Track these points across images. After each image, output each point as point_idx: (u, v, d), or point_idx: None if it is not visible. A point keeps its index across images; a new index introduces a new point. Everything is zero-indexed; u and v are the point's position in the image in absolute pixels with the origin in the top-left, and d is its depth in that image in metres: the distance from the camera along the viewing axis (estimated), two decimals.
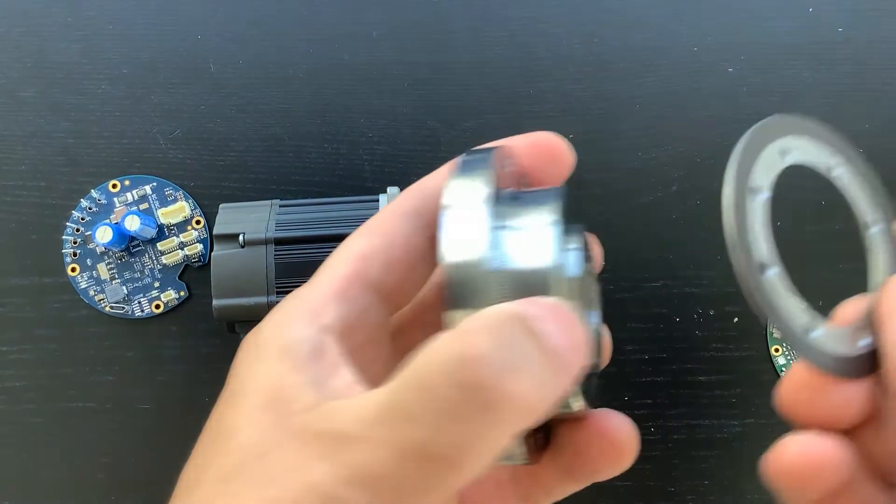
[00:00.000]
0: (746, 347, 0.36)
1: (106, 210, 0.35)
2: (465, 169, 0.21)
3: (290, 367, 0.19)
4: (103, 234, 0.33)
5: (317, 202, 0.33)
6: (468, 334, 0.17)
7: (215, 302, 0.30)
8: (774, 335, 0.36)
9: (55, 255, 0.35)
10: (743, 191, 0.19)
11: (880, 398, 0.21)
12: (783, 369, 0.36)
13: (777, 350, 0.36)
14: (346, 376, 0.20)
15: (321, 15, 0.36)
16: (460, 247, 0.19)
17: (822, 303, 0.37)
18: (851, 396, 0.20)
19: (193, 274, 0.36)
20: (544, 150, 0.25)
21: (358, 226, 0.31)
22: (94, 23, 0.36)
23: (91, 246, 0.35)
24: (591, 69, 0.36)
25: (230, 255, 0.31)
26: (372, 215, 0.31)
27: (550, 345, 0.18)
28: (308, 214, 0.32)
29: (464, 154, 0.22)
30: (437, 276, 0.25)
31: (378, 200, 0.32)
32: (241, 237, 0.31)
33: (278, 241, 0.31)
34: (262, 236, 0.31)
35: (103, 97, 0.36)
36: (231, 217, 0.32)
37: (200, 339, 0.35)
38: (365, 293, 0.22)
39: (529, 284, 0.19)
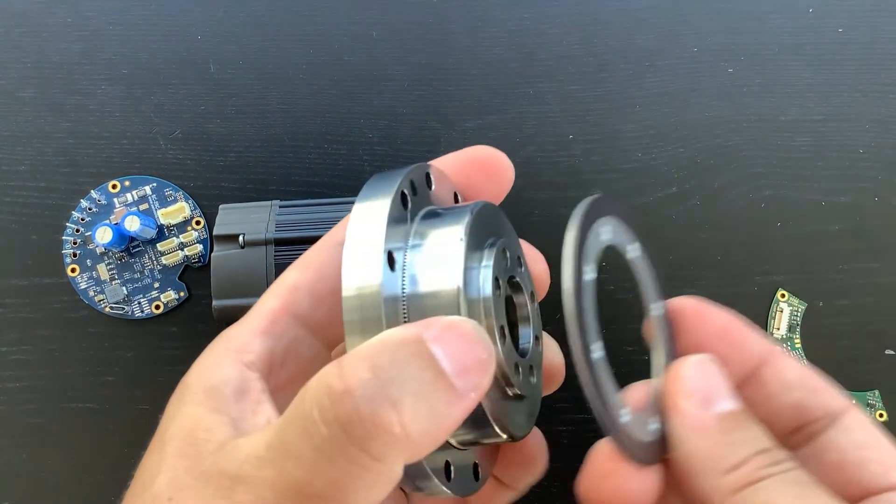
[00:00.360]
0: None
1: (106, 210, 0.35)
2: (368, 192, 0.20)
3: (212, 407, 0.19)
4: (103, 235, 0.33)
5: (317, 202, 0.33)
6: (348, 364, 0.17)
7: (215, 302, 0.30)
8: (774, 335, 0.36)
9: (55, 255, 0.35)
10: (579, 274, 0.19)
11: (672, 482, 0.21)
12: None
13: None
14: (266, 413, 0.19)
15: (321, 15, 0.36)
16: (355, 275, 0.19)
17: (822, 303, 0.37)
18: (648, 481, 0.20)
19: (193, 274, 0.36)
20: (481, 165, 0.23)
21: None
22: (94, 23, 0.36)
23: (91, 246, 0.35)
24: (591, 69, 0.36)
25: (230, 256, 0.31)
26: None
27: (440, 368, 0.17)
28: (308, 215, 0.32)
29: (373, 175, 0.21)
30: None
31: None
32: (240, 238, 0.31)
33: (278, 242, 0.31)
34: (262, 237, 0.31)
35: (103, 97, 0.36)
36: (231, 217, 0.32)
37: (200, 340, 0.35)
38: (293, 327, 0.21)
39: (430, 306, 0.19)
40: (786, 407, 0.21)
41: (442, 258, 0.19)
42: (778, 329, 0.36)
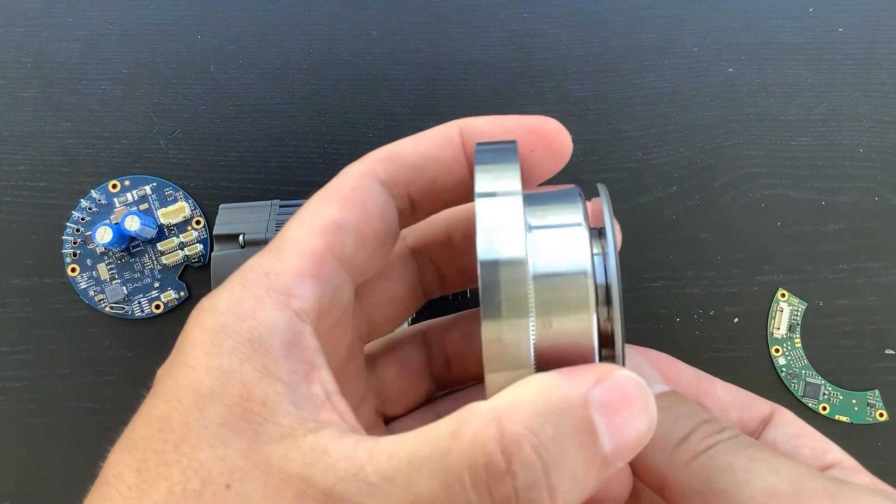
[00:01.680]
0: (747, 348, 0.36)
1: (106, 210, 0.35)
2: (493, 159, 0.19)
3: (261, 369, 0.17)
4: (103, 235, 0.33)
5: None
6: (510, 433, 0.15)
7: None
8: (774, 335, 0.36)
9: (55, 255, 0.35)
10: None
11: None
12: (783, 370, 0.36)
13: (777, 350, 0.36)
14: (325, 382, 0.17)
15: (321, 15, 0.36)
16: (502, 245, 0.17)
17: (822, 303, 0.37)
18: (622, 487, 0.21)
19: (193, 274, 0.36)
20: (545, 138, 0.21)
21: None
22: (94, 23, 0.36)
23: (91, 246, 0.35)
24: (591, 69, 0.36)
25: (230, 256, 0.31)
26: None
27: (599, 446, 0.16)
28: None
29: (480, 143, 0.20)
30: (406, 240, 0.23)
31: None
32: (241, 237, 0.31)
33: None
34: (262, 236, 0.31)
35: (103, 97, 0.36)
36: (231, 217, 0.32)
37: None
38: (338, 271, 0.19)
39: (558, 291, 0.17)
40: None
41: (568, 242, 0.18)
42: (778, 329, 0.36)
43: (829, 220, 0.36)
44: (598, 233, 0.19)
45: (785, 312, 0.36)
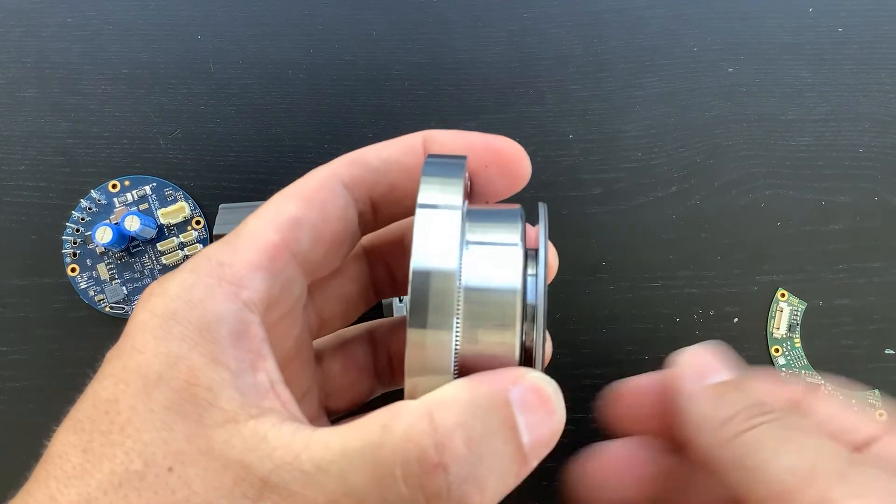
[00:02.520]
0: (746, 347, 0.36)
1: (106, 210, 0.35)
2: (441, 171, 0.19)
3: (208, 355, 0.17)
4: (103, 235, 0.33)
5: None
6: (442, 427, 0.16)
7: None
8: (774, 335, 0.36)
9: (55, 255, 0.35)
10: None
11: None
12: (783, 370, 0.36)
13: (777, 350, 0.36)
14: (269, 371, 0.18)
15: (321, 15, 0.36)
16: (436, 255, 0.18)
17: (822, 303, 0.37)
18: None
19: None
20: (501, 157, 0.22)
21: None
22: (94, 23, 0.36)
23: (91, 246, 0.35)
24: (591, 69, 0.36)
25: None
26: None
27: (520, 442, 0.16)
28: None
29: (431, 155, 0.21)
30: (360, 242, 0.24)
31: None
32: None
33: None
34: None
35: (103, 97, 0.36)
36: (231, 217, 0.32)
37: None
38: (291, 266, 0.19)
39: (487, 305, 0.18)
40: None
41: (502, 260, 0.19)
42: (778, 329, 0.36)
43: (829, 220, 0.36)
44: (534, 253, 0.19)
45: (785, 312, 0.36)
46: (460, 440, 0.16)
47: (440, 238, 0.18)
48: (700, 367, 0.22)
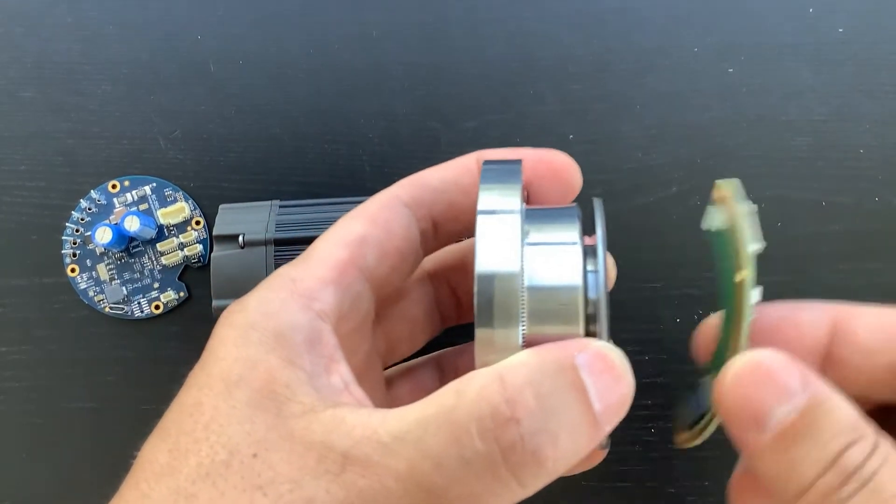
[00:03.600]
0: None
1: (105, 211, 0.35)
2: (498, 178, 0.20)
3: (284, 358, 0.18)
4: (103, 235, 0.33)
5: (317, 203, 0.33)
6: (512, 386, 0.16)
7: (215, 303, 0.30)
8: None
9: (55, 255, 0.35)
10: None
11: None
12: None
13: None
14: (343, 373, 0.19)
15: (321, 15, 0.36)
16: (498, 259, 0.18)
17: None
18: None
19: (193, 274, 0.36)
20: (554, 169, 0.23)
21: None
22: (94, 23, 0.36)
23: (91, 246, 0.35)
24: (591, 69, 0.36)
25: (230, 256, 0.31)
26: None
27: (589, 403, 0.17)
28: (308, 215, 0.32)
29: (487, 161, 0.22)
30: (424, 266, 0.25)
31: None
32: (240, 238, 0.31)
33: (278, 242, 0.31)
34: (262, 237, 0.31)
35: (103, 97, 0.36)
36: (231, 217, 0.32)
37: (200, 340, 0.35)
38: (359, 281, 0.21)
39: (558, 303, 0.19)
40: (880, 372, 0.20)
41: (562, 259, 0.19)
42: None
43: (829, 220, 0.36)
44: (592, 250, 0.20)
45: None
46: (530, 395, 0.16)
47: (502, 241, 0.19)
48: (753, 409, 0.18)
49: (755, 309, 0.19)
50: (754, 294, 0.19)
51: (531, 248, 0.19)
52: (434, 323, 0.26)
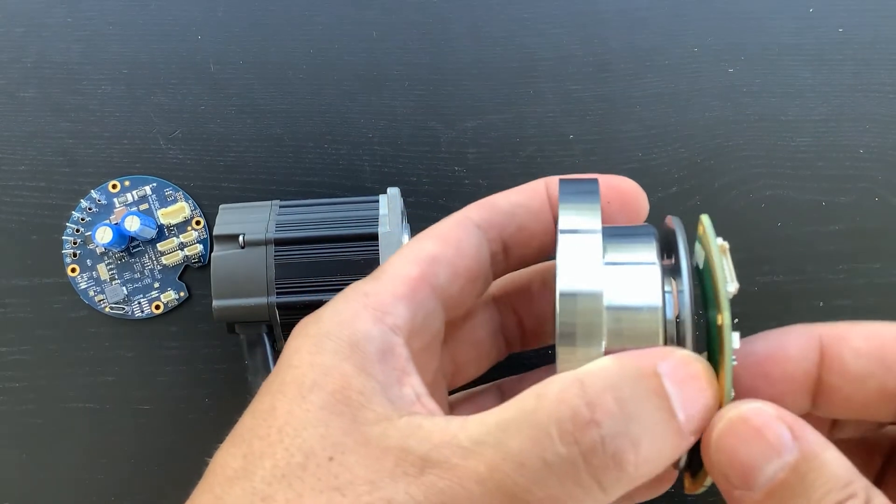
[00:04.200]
0: None
1: (106, 210, 0.35)
2: (577, 198, 0.21)
3: (358, 366, 0.18)
4: (103, 235, 0.33)
5: (317, 203, 0.33)
6: (592, 389, 0.16)
7: (215, 303, 0.30)
8: None
9: (55, 255, 0.35)
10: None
11: None
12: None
13: None
14: (415, 385, 0.19)
15: (321, 15, 0.36)
16: (580, 278, 0.19)
17: (822, 303, 0.37)
18: None
19: (193, 274, 0.36)
20: (620, 193, 0.24)
21: (358, 226, 0.31)
22: (94, 23, 0.36)
23: (91, 246, 0.35)
24: (591, 69, 0.36)
25: (230, 256, 0.31)
26: (372, 215, 0.31)
27: (672, 410, 0.17)
28: (308, 215, 0.32)
29: (563, 179, 0.22)
30: (490, 291, 0.25)
31: (378, 201, 0.32)
32: (240, 238, 0.31)
33: (278, 242, 0.31)
34: (262, 237, 0.31)
35: (103, 97, 0.36)
36: (231, 218, 0.32)
37: (200, 340, 0.35)
38: (431, 298, 0.21)
39: (637, 322, 0.19)
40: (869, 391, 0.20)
41: (642, 279, 0.19)
42: None
43: (829, 220, 0.36)
44: (670, 270, 0.20)
45: None
46: (611, 398, 0.16)
47: (583, 261, 0.19)
48: (741, 466, 0.17)
49: (737, 351, 0.19)
50: (735, 338, 0.19)
51: (610, 267, 0.20)
52: (499, 348, 0.26)
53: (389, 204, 0.31)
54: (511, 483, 0.16)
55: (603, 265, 0.19)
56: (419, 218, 0.36)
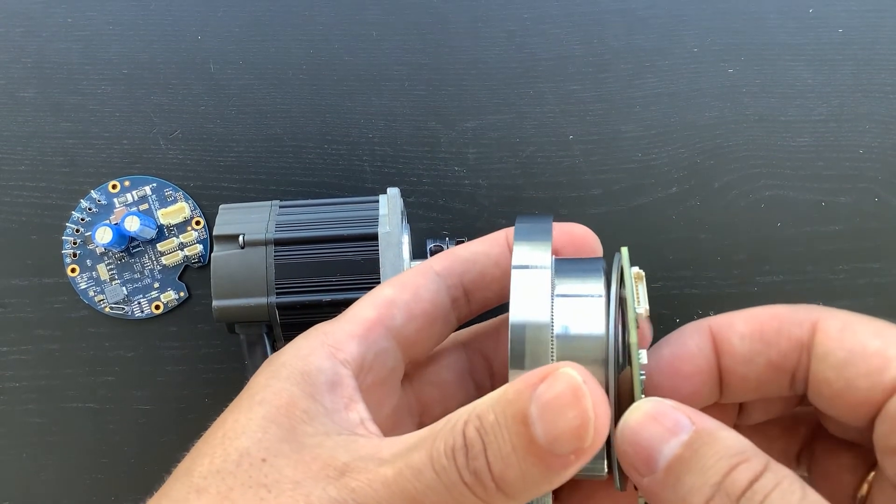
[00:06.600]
0: None
1: (106, 211, 0.35)
2: (530, 235, 0.22)
3: (307, 392, 0.21)
4: (103, 235, 0.33)
5: (317, 203, 0.33)
6: (473, 415, 0.18)
7: (215, 303, 0.30)
8: None
9: (55, 255, 0.35)
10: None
11: None
12: None
13: None
14: (360, 412, 0.21)
15: (321, 15, 0.36)
16: (530, 310, 0.20)
17: (822, 303, 0.37)
18: None
19: (193, 275, 0.36)
20: (577, 242, 0.25)
21: (358, 226, 0.31)
22: (94, 23, 0.36)
23: (91, 246, 0.35)
24: (591, 69, 0.36)
25: (230, 256, 0.31)
26: (372, 216, 0.32)
27: (537, 437, 0.18)
28: (308, 215, 0.32)
29: (519, 216, 0.23)
30: (459, 337, 0.27)
31: (378, 201, 0.32)
32: (240, 238, 0.31)
33: (278, 242, 0.31)
34: (262, 237, 0.31)
35: (103, 97, 0.36)
36: (231, 218, 0.32)
37: (200, 340, 0.35)
38: (385, 338, 0.23)
39: (584, 351, 0.20)
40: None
41: (588, 310, 0.21)
42: None
43: (829, 220, 0.36)
44: (622, 299, 0.22)
45: None
46: (472, 427, 0.18)
47: (533, 294, 0.21)
48: (645, 452, 0.19)
49: (645, 365, 0.21)
50: (642, 354, 0.21)
51: (560, 299, 0.21)
52: (467, 391, 0.27)
53: (389, 204, 0.31)
54: (411, 487, 0.18)
55: (553, 297, 0.21)
56: (419, 218, 0.36)
